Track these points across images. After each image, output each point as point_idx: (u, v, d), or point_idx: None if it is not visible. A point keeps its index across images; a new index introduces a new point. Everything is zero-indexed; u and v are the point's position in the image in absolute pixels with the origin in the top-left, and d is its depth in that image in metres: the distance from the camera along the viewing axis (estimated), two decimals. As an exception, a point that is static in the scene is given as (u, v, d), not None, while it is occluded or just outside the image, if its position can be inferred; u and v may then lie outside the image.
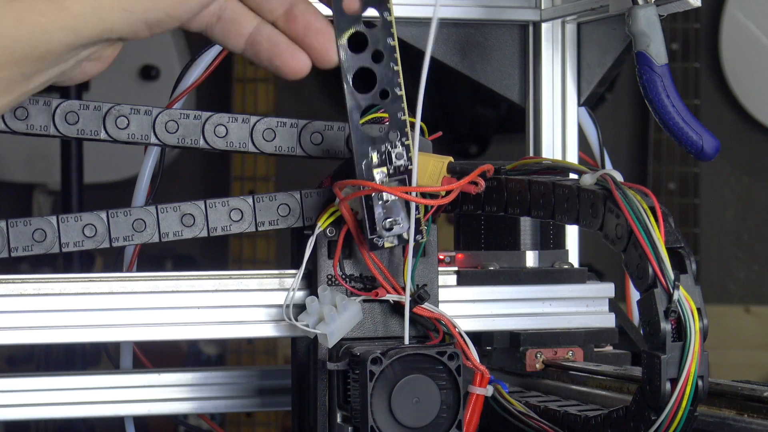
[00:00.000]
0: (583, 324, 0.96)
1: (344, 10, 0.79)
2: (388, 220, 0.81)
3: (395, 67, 0.80)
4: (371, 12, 0.80)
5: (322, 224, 0.84)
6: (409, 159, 0.81)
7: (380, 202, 0.81)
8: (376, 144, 0.81)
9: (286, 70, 0.79)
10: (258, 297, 0.87)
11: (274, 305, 0.87)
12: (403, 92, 0.81)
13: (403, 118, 0.81)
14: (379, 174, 0.81)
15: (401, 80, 0.81)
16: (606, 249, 0.77)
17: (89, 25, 0.71)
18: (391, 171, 0.81)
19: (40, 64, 0.72)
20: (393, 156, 0.81)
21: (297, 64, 0.79)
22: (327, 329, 0.83)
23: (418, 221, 0.82)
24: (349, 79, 0.80)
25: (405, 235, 0.82)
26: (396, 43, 0.80)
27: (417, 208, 0.82)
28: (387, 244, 0.81)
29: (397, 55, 0.80)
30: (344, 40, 0.79)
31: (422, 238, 0.83)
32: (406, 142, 0.81)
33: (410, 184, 0.82)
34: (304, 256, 0.85)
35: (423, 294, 0.83)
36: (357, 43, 0.80)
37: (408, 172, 0.81)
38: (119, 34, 0.73)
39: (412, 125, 0.86)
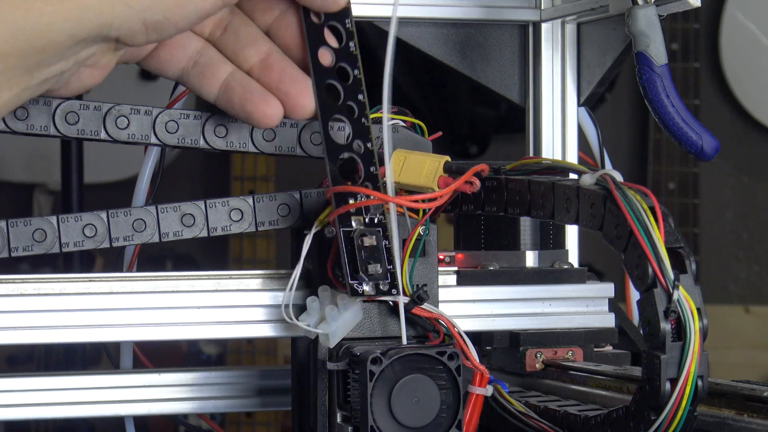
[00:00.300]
0: (583, 324, 0.96)
1: (320, 62, 0.82)
2: (371, 265, 0.82)
3: (366, 123, 0.83)
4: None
5: (319, 224, 0.84)
6: (383, 214, 0.83)
7: (362, 242, 0.82)
8: (353, 193, 0.82)
9: (257, 116, 0.81)
10: (258, 297, 0.87)
11: (274, 305, 0.87)
12: (374, 147, 0.83)
13: (375, 171, 0.83)
14: (355, 222, 0.83)
15: (372, 135, 0.83)
16: (606, 249, 0.77)
17: (91, 17, 0.72)
18: (366, 221, 0.83)
19: (42, 55, 0.73)
20: (370, 207, 0.83)
21: (268, 109, 0.81)
22: (329, 329, 0.83)
23: (394, 274, 0.83)
24: (327, 128, 0.82)
25: (382, 286, 0.82)
26: (366, 100, 0.83)
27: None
28: (367, 291, 0.82)
29: (368, 111, 0.83)
30: (321, 90, 0.82)
31: (397, 292, 0.83)
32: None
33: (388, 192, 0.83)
34: (301, 256, 0.85)
35: (422, 295, 0.83)
36: (331, 96, 0.83)
37: (383, 225, 0.83)
38: (117, 31, 0.74)
39: (413, 126, 0.86)
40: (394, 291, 0.83)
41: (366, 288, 0.82)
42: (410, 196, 0.84)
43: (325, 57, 0.82)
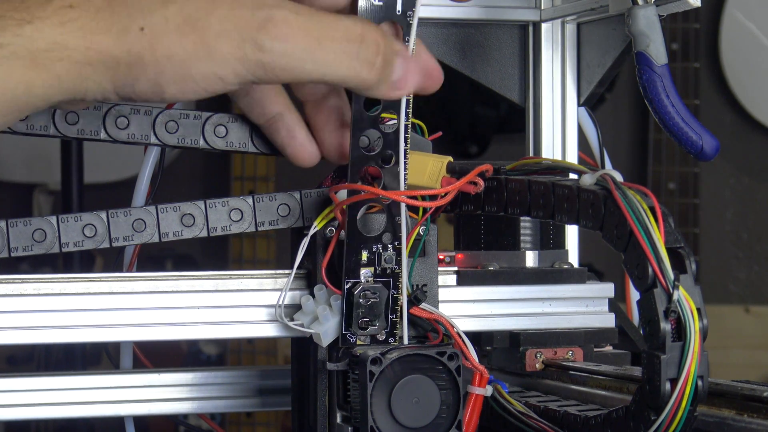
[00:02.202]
0: (583, 324, 0.96)
1: (365, 109, 0.81)
2: (365, 320, 0.82)
3: (401, 172, 0.82)
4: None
5: (318, 225, 0.84)
6: (398, 264, 0.83)
7: (362, 301, 0.82)
8: (367, 243, 0.82)
9: (296, 161, 0.84)
10: (257, 297, 0.87)
11: (274, 305, 0.87)
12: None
13: (399, 221, 0.82)
14: (365, 272, 0.83)
15: (404, 184, 0.82)
16: (606, 249, 0.77)
17: (68, 87, 0.74)
18: (378, 271, 0.83)
19: (17, 113, 0.75)
20: (382, 259, 0.83)
21: (307, 157, 0.84)
22: (321, 329, 0.83)
23: (395, 323, 0.83)
24: (356, 178, 0.82)
25: (379, 337, 0.83)
26: (408, 148, 0.82)
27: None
28: (359, 342, 0.83)
29: (405, 160, 0.82)
30: (358, 139, 0.81)
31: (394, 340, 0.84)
32: (398, 246, 0.82)
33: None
34: (297, 257, 0.85)
35: (419, 295, 0.83)
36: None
37: (395, 275, 0.83)
38: (93, 98, 0.76)
39: (413, 126, 0.86)
40: (391, 340, 0.83)
41: (359, 338, 0.83)
42: (414, 191, 0.83)
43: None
